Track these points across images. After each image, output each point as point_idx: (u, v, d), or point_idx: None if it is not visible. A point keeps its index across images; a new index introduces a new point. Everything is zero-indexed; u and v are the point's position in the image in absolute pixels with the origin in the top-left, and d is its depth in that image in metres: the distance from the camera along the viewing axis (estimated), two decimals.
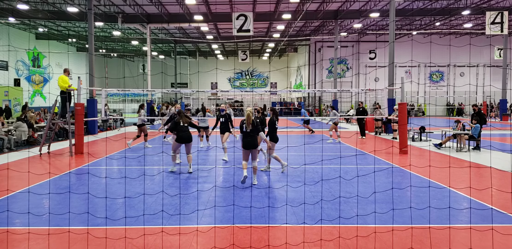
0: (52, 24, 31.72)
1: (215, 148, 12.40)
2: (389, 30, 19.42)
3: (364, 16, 27.52)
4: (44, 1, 23.93)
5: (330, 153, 11.95)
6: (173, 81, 47.25)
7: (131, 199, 6.57)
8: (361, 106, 17.49)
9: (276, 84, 52.43)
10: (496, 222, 5.30)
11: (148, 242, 4.69)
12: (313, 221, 5.42)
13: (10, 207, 6.04)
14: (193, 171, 8.93)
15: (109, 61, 49.68)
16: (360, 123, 16.85)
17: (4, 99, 26.92)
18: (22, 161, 10.77)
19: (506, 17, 19.94)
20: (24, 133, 13.99)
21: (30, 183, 7.75)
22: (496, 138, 16.14)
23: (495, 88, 30.70)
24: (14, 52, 30.25)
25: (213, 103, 41.35)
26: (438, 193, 6.91)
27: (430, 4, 26.02)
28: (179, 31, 36.13)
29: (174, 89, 40.50)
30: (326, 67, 37.99)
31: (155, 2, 24.90)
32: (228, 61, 51.86)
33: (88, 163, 10.45)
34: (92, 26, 19.80)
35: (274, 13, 27.02)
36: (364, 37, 37.48)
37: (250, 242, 4.64)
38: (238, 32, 18.85)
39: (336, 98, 30.99)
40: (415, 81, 35.74)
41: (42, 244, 4.63)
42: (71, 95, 12.52)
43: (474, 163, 10.08)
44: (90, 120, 17.53)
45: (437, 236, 4.84)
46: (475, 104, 13.83)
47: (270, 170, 9.16)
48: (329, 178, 8.01)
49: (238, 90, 43.26)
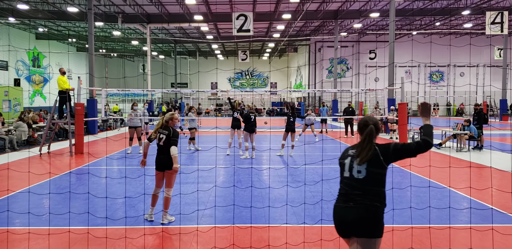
0: (52, 24, 31.71)
1: (215, 148, 12.38)
2: (389, 30, 19.43)
3: (364, 16, 27.52)
4: (44, 1, 23.92)
5: (330, 153, 11.95)
6: (173, 81, 47.25)
7: (131, 199, 6.57)
8: (350, 106, 17.89)
9: (276, 84, 52.42)
10: (496, 222, 5.29)
11: (148, 242, 4.69)
12: (313, 221, 5.42)
13: (10, 207, 6.03)
14: (193, 171, 8.92)
15: (109, 61, 49.68)
16: (349, 122, 17.02)
17: (4, 99, 26.92)
18: (22, 161, 10.77)
19: (506, 17, 19.94)
20: (24, 133, 13.99)
21: (30, 183, 7.74)
22: (496, 138, 16.13)
23: (495, 88, 30.69)
24: (14, 52, 30.24)
25: (212, 103, 41.37)
26: (438, 193, 6.91)
27: (430, 4, 26.02)
28: (179, 31, 36.13)
29: (174, 89, 40.49)
30: (326, 67, 37.98)
31: (155, 2, 24.90)
32: (228, 61, 51.85)
33: (88, 163, 10.45)
34: (92, 26, 19.80)
35: (274, 13, 27.02)
36: (364, 37, 37.48)
37: (250, 242, 4.63)
38: (238, 32, 18.85)
39: (336, 98, 30.99)
40: (415, 81, 35.73)
41: (42, 244, 4.63)
42: (71, 95, 12.52)
43: (474, 163, 10.08)
44: (90, 120, 17.53)
45: (437, 236, 4.84)
46: (477, 104, 13.81)
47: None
48: (329, 178, 8.01)
49: (238, 90, 43.27)
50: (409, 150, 2.89)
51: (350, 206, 2.89)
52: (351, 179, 2.95)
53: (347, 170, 3.00)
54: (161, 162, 5.32)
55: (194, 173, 8.83)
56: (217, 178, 8.43)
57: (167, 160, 5.27)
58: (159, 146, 5.35)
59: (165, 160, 5.28)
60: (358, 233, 2.84)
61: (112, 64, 49.95)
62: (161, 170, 5.34)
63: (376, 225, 2.85)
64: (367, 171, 2.88)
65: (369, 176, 2.87)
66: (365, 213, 2.83)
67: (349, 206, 2.90)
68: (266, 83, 53.09)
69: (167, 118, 5.40)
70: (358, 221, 2.83)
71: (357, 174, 2.91)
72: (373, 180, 2.88)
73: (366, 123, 3.03)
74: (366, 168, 2.88)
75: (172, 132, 5.32)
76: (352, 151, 3.05)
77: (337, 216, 2.97)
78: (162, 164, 5.30)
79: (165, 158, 5.29)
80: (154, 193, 5.48)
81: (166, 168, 5.29)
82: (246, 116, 11.10)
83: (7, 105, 27.08)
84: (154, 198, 5.47)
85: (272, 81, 52.78)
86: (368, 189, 2.87)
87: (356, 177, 2.92)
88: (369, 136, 2.98)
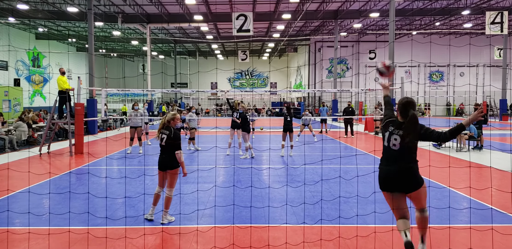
0: (52, 24, 31.72)
1: (215, 148, 12.39)
2: (389, 30, 19.45)
3: (364, 16, 27.52)
4: (44, 1, 23.93)
5: (330, 153, 11.96)
6: (173, 81, 47.26)
7: (131, 199, 6.57)
8: (350, 106, 17.89)
9: (276, 84, 52.44)
10: (496, 222, 5.30)
11: (148, 242, 4.69)
12: (313, 221, 5.42)
13: (10, 207, 6.04)
14: (193, 171, 8.93)
15: (109, 61, 49.68)
16: (349, 122, 17.04)
17: (4, 99, 26.92)
18: (22, 161, 10.77)
19: (506, 17, 19.95)
20: (24, 133, 13.99)
21: (30, 183, 7.75)
22: (496, 138, 16.13)
23: (495, 88, 30.70)
24: (14, 52, 30.25)
25: (213, 103, 41.38)
26: (438, 193, 6.91)
27: (430, 4, 26.03)
28: (179, 31, 36.13)
29: (174, 89, 40.50)
30: (326, 67, 37.98)
31: (155, 2, 24.90)
32: (228, 61, 51.85)
33: (88, 163, 10.45)
34: (92, 26, 19.81)
35: (274, 13, 27.03)
36: (364, 37, 37.48)
37: (250, 242, 4.64)
38: (238, 32, 18.86)
39: (336, 98, 31.00)
40: (415, 81, 35.74)
41: (42, 244, 4.63)
42: (71, 95, 12.52)
43: (474, 163, 10.08)
44: (90, 120, 17.53)
45: (437, 236, 4.84)
46: (477, 104, 13.82)
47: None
48: (329, 178, 8.01)
49: (238, 90, 43.27)
50: (432, 137, 3.78)
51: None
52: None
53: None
54: (164, 162, 5.31)
55: (194, 173, 8.83)
56: (217, 178, 8.43)
57: (169, 159, 5.27)
58: (162, 146, 5.35)
59: (168, 160, 5.28)
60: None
61: (112, 64, 49.95)
62: (163, 169, 5.34)
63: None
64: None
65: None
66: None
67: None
68: (266, 83, 53.09)
69: (168, 118, 5.40)
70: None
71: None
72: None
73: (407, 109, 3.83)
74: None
75: (173, 132, 5.30)
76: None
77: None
78: (165, 163, 5.30)
79: (167, 157, 5.28)
80: (156, 192, 5.49)
81: (168, 168, 5.29)
82: (244, 117, 11.17)
83: (7, 105, 27.08)
84: (156, 197, 5.47)
85: (272, 81, 52.79)
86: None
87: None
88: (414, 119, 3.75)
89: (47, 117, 16.88)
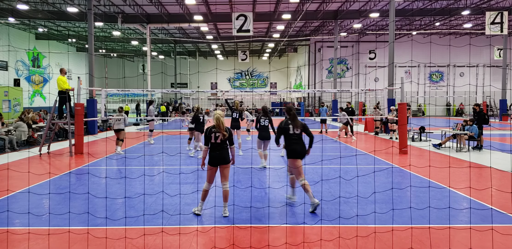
0: (52, 24, 31.72)
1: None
2: (389, 30, 19.44)
3: (364, 16, 27.53)
4: (44, 1, 23.93)
5: (330, 153, 11.96)
6: (173, 81, 47.28)
7: (131, 199, 6.57)
8: (349, 107, 17.89)
9: (276, 84, 52.44)
10: (496, 222, 5.30)
11: (148, 242, 4.69)
12: (313, 221, 5.42)
13: (10, 207, 6.04)
14: (193, 171, 8.93)
15: (109, 61, 49.68)
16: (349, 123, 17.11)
17: (4, 100, 26.93)
18: (22, 161, 10.77)
19: (506, 17, 19.94)
20: (24, 133, 13.99)
21: (30, 183, 7.75)
22: (496, 138, 16.14)
23: (495, 88, 30.71)
24: (14, 52, 30.25)
25: (213, 103, 41.35)
26: (438, 193, 6.91)
27: (430, 4, 26.03)
28: (179, 31, 36.14)
29: (174, 90, 40.51)
30: (326, 67, 37.99)
31: (155, 2, 24.90)
32: (228, 61, 51.87)
33: (88, 163, 10.45)
34: (92, 26, 19.80)
35: (274, 13, 27.03)
36: (364, 37, 37.48)
37: (250, 242, 4.64)
38: (238, 32, 18.84)
39: (336, 98, 31.00)
40: (414, 82, 35.75)
41: (42, 244, 4.63)
42: (70, 95, 12.52)
43: (474, 163, 10.08)
44: (90, 121, 17.53)
45: (437, 236, 4.84)
46: (477, 104, 13.80)
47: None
48: (329, 178, 8.01)
49: (238, 90, 43.28)
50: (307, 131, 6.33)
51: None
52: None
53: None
54: (219, 157, 5.65)
55: (194, 173, 8.83)
56: (217, 178, 8.41)
57: (225, 155, 5.69)
58: (216, 143, 5.68)
59: (224, 155, 5.69)
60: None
61: (112, 64, 49.96)
62: (218, 165, 5.70)
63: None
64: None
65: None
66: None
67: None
68: (266, 83, 53.10)
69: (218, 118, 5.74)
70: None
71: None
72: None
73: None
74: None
75: (228, 131, 5.79)
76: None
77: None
78: (221, 158, 5.66)
79: (223, 153, 5.69)
80: (205, 188, 5.78)
81: (225, 162, 5.70)
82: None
83: (7, 106, 27.09)
84: (205, 193, 5.78)
85: (272, 82, 52.81)
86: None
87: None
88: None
89: (47, 118, 16.88)
